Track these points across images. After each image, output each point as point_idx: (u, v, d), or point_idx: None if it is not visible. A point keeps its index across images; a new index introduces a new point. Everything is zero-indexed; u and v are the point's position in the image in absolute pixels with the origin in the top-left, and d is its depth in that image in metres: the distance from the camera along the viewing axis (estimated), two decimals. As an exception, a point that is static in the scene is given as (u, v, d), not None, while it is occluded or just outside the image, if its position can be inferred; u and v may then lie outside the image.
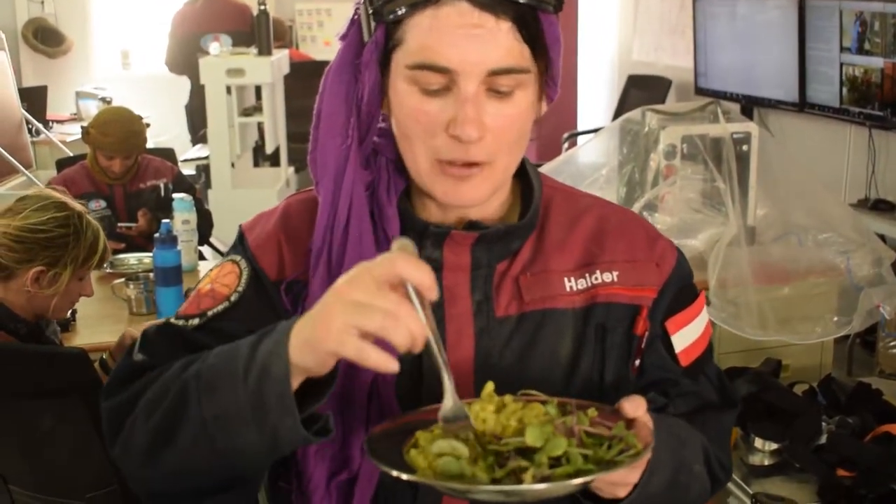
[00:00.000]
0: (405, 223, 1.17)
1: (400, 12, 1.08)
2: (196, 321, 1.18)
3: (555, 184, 1.28)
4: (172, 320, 1.20)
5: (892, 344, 2.91)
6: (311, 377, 0.99)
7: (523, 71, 1.09)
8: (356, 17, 1.14)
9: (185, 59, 6.43)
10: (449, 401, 1.00)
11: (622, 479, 1.04)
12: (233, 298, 1.18)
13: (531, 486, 0.93)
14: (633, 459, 0.97)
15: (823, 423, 2.24)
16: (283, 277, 1.19)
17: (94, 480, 2.19)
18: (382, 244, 1.15)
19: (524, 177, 1.22)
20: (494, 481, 0.95)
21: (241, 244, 1.24)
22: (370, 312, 0.92)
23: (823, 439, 2.17)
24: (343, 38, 1.16)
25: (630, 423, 1.03)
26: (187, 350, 1.13)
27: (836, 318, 2.81)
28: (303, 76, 6.35)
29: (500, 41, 1.06)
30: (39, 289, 2.30)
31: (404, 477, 0.96)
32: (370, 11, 1.10)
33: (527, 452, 0.97)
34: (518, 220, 1.20)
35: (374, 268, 0.94)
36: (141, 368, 1.14)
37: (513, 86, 1.09)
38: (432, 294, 0.94)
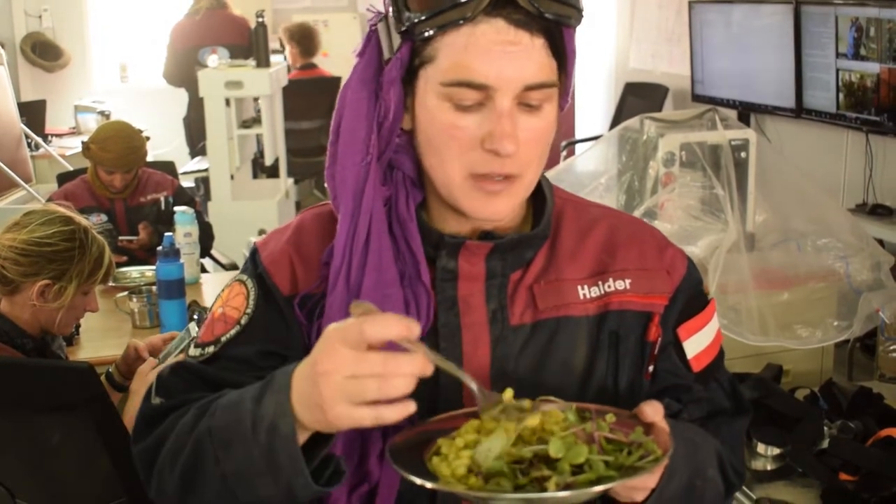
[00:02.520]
0: (422, 234, 1.19)
1: (432, 32, 1.09)
2: (212, 349, 1.21)
3: (565, 195, 1.30)
4: (189, 352, 1.24)
5: (892, 348, 2.91)
6: None
7: (553, 85, 1.12)
8: (373, 32, 1.16)
9: (184, 72, 6.46)
10: (480, 396, 1.03)
11: (641, 484, 1.07)
12: (243, 321, 1.21)
13: (554, 494, 0.95)
14: (653, 465, 0.99)
15: (825, 428, 2.24)
16: (296, 292, 1.21)
17: (102, 494, 2.19)
18: (405, 257, 1.18)
19: (536, 188, 1.24)
20: (518, 488, 0.97)
21: (252, 261, 1.26)
22: (362, 385, 0.93)
23: (825, 444, 2.18)
24: (360, 54, 1.18)
25: (648, 427, 1.05)
26: (202, 385, 1.17)
27: (836, 323, 2.82)
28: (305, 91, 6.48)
29: (534, 57, 1.09)
30: (44, 303, 2.31)
31: (428, 485, 0.97)
32: (399, 29, 1.11)
33: (549, 459, 0.99)
34: (531, 231, 1.22)
35: (345, 338, 0.95)
36: (161, 411, 1.16)
37: (542, 99, 1.12)
38: (413, 334, 0.96)
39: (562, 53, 1.13)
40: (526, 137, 1.11)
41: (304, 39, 6.89)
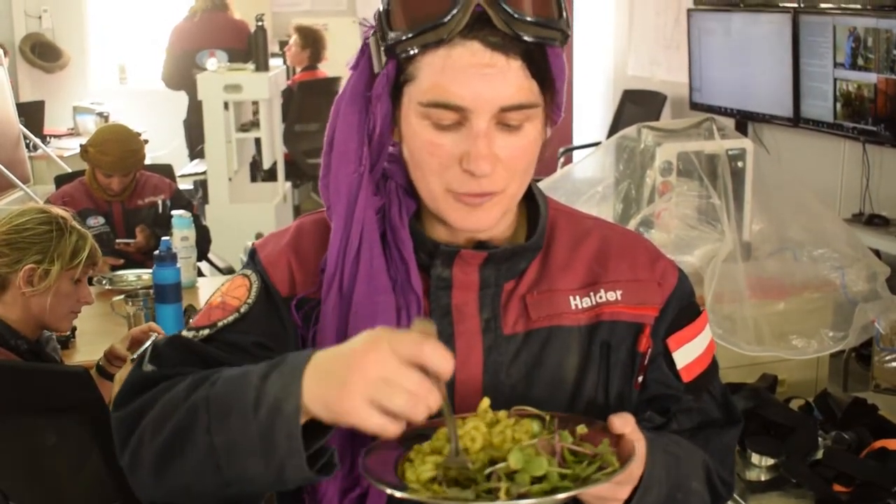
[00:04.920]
0: (416, 243, 1.20)
1: (412, 52, 1.10)
2: (206, 332, 1.20)
3: (559, 206, 1.31)
4: (183, 332, 1.23)
5: (887, 358, 2.92)
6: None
7: (532, 106, 1.12)
8: (366, 47, 1.17)
9: (182, 75, 6.46)
10: (455, 454, 1.03)
11: (611, 495, 1.08)
12: (242, 310, 1.21)
13: (514, 503, 0.96)
14: (608, 477, 1.00)
15: (820, 439, 2.25)
16: (293, 294, 1.22)
17: (96, 497, 2.20)
18: (397, 265, 1.19)
19: (530, 199, 1.25)
20: (479, 497, 0.98)
21: (252, 261, 1.27)
22: (395, 393, 0.94)
23: (820, 454, 2.18)
24: (353, 67, 1.19)
25: (617, 439, 1.06)
26: (197, 361, 1.16)
27: (831, 334, 2.82)
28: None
29: (510, 79, 1.10)
30: (32, 288, 2.33)
31: (388, 491, 0.99)
32: (384, 46, 1.13)
33: (512, 472, 1.01)
34: (525, 241, 1.23)
35: (399, 346, 0.95)
36: (151, 379, 1.15)
37: (522, 119, 1.12)
38: (447, 377, 0.97)
39: (544, 73, 1.13)
40: (506, 155, 1.12)
41: (316, 43, 6.98)
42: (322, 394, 0.97)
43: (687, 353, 1.28)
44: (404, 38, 1.10)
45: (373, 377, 0.94)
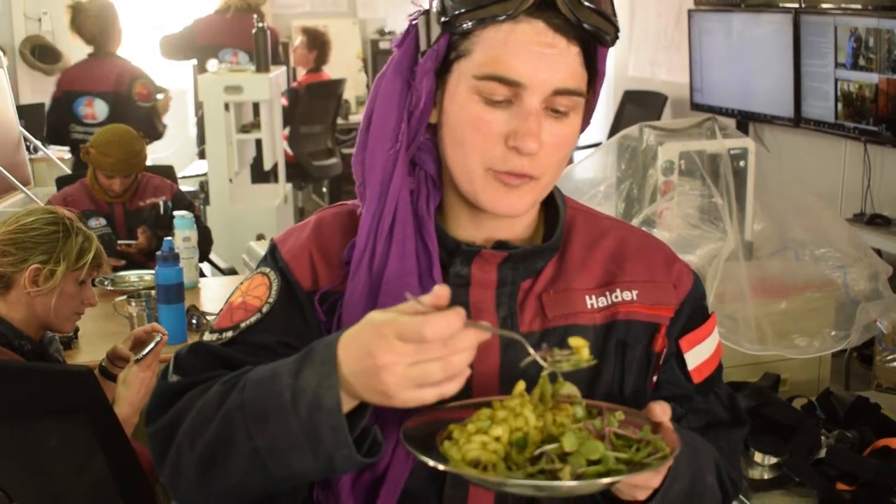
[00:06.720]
0: (438, 239, 1.21)
1: (471, 24, 1.12)
2: (230, 333, 1.21)
3: (576, 205, 1.32)
4: (205, 337, 1.24)
5: (889, 358, 2.92)
6: None
7: (581, 94, 1.15)
8: (412, 26, 1.19)
9: (200, 67, 6.38)
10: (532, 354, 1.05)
11: (645, 483, 1.09)
12: (264, 310, 1.22)
13: (562, 483, 0.97)
14: (661, 462, 1.01)
15: (822, 437, 2.25)
16: (316, 287, 1.22)
17: (99, 498, 2.19)
18: (421, 255, 1.19)
19: (549, 198, 1.26)
20: (529, 476, 0.99)
21: (272, 256, 1.27)
22: (426, 370, 0.95)
23: (823, 453, 2.18)
24: (398, 45, 1.21)
25: (656, 427, 1.07)
26: (221, 366, 1.16)
27: (833, 333, 2.82)
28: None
29: (568, 63, 1.12)
30: (37, 288, 2.33)
31: (441, 467, 0.99)
32: (439, 20, 1.14)
33: (561, 454, 1.01)
34: (543, 241, 1.25)
35: (402, 333, 0.94)
36: (178, 389, 1.16)
37: (570, 107, 1.14)
38: (464, 319, 0.96)
39: (594, 68, 1.17)
40: (549, 141, 1.14)
41: (323, 46, 7.02)
42: (374, 400, 0.98)
43: (698, 355, 1.29)
44: (465, 10, 1.12)
45: (401, 371, 0.94)
